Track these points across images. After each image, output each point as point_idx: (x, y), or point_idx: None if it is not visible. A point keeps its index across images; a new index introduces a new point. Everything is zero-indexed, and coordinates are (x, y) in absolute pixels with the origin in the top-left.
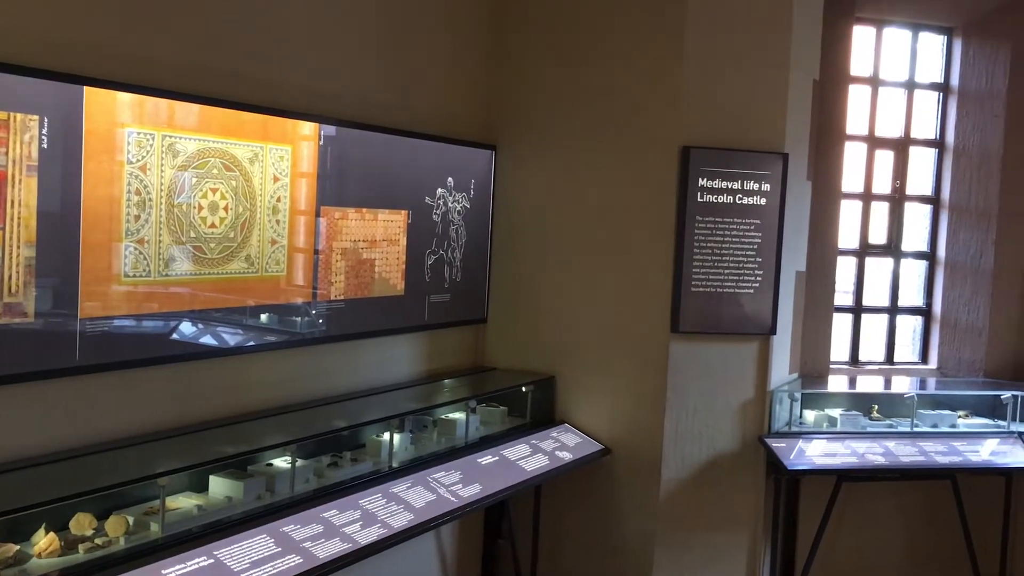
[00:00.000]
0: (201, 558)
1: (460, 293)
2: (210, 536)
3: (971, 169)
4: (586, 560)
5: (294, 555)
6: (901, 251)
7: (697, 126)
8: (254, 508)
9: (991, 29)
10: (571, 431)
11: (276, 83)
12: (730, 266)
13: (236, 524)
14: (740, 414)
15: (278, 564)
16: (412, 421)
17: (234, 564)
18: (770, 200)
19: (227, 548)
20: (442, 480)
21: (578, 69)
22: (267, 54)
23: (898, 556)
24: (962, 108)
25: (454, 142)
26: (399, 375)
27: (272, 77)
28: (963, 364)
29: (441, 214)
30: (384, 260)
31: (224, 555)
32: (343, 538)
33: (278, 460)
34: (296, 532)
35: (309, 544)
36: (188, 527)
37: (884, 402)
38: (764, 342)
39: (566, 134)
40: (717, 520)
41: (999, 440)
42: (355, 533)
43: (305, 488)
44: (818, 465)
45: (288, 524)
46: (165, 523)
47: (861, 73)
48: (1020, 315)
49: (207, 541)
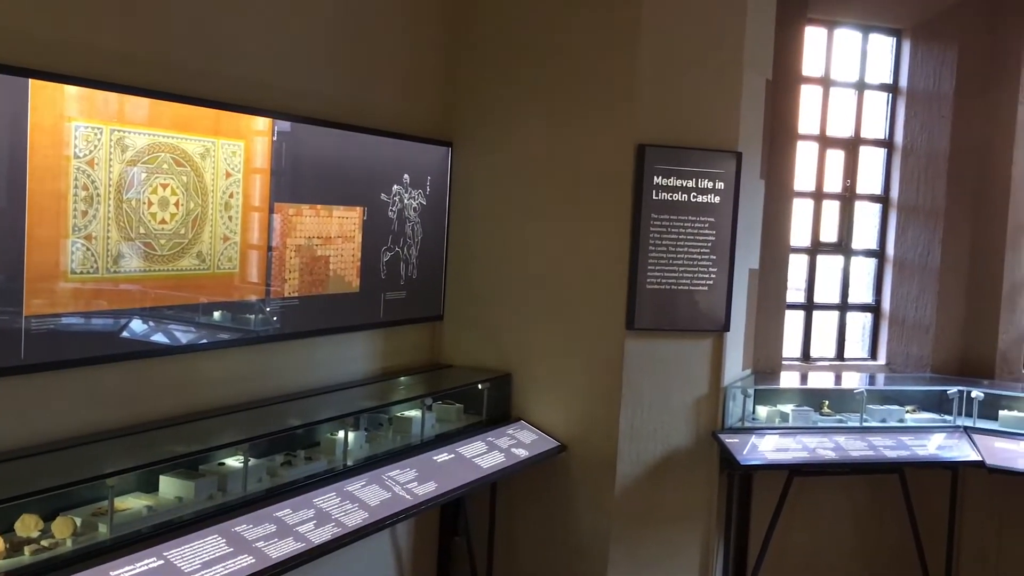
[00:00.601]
0: (151, 559)
1: (416, 290)
2: (160, 537)
3: (919, 169)
4: (542, 557)
5: (246, 555)
6: (851, 249)
7: (652, 124)
8: (205, 508)
9: (939, 31)
10: (527, 428)
11: (229, 77)
12: (685, 263)
13: (187, 524)
14: (694, 410)
15: (230, 564)
16: (367, 419)
17: (185, 565)
18: (724, 198)
19: (177, 549)
20: (397, 478)
21: (534, 67)
22: (220, 48)
23: (848, 548)
24: (910, 109)
25: (410, 139)
26: (354, 373)
27: (225, 71)
28: (911, 360)
29: (397, 211)
30: (339, 257)
31: (174, 556)
32: (296, 537)
33: (230, 459)
34: (248, 532)
35: (262, 544)
36: (137, 528)
37: (835, 398)
38: (718, 339)
39: (522, 131)
40: (671, 515)
41: (945, 435)
42: (309, 532)
43: (258, 487)
44: (770, 460)
45: (240, 524)
46: (114, 524)
47: (813, 73)
48: (966, 312)
49: (157, 542)
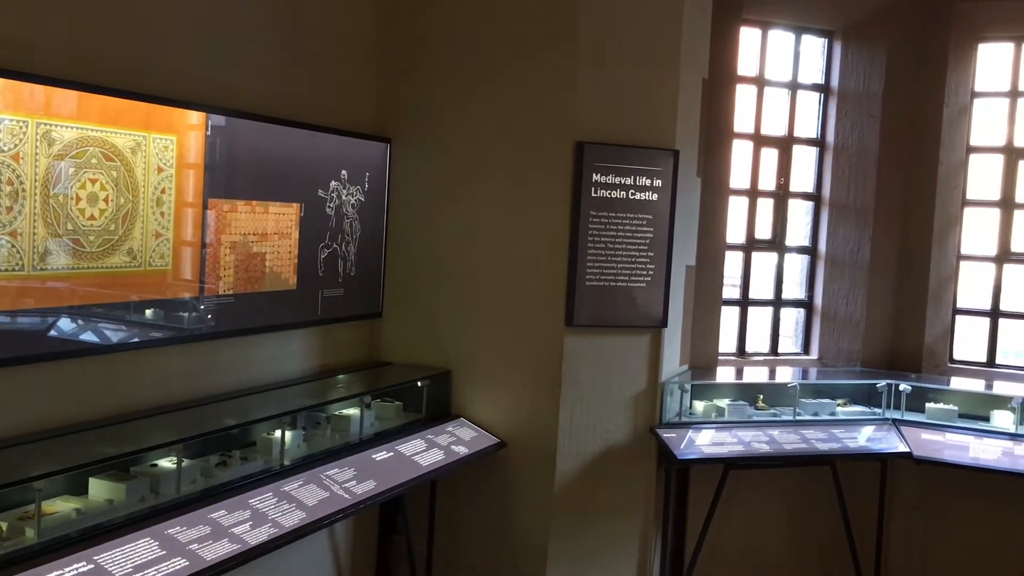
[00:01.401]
0: (80, 564)
1: (354, 287)
2: (90, 541)
3: (849, 167)
4: (482, 553)
5: (180, 558)
6: (785, 246)
7: (591, 122)
8: (137, 510)
9: (868, 33)
10: (467, 425)
11: (160, 71)
12: (623, 260)
13: (118, 528)
14: (632, 406)
15: (163, 568)
16: (304, 418)
17: (116, 569)
18: (662, 196)
19: (108, 553)
20: (335, 477)
21: (473, 64)
22: (151, 40)
23: (781, 539)
24: (841, 108)
25: (348, 134)
26: (291, 371)
27: (156, 65)
28: (842, 354)
29: (335, 207)
30: (275, 254)
31: (105, 560)
32: (232, 539)
33: (163, 460)
34: (182, 534)
35: (196, 546)
36: (66, 532)
37: (769, 392)
38: (656, 335)
39: (462, 128)
40: (610, 510)
41: (875, 427)
42: (244, 534)
43: (192, 489)
44: (706, 454)
45: (173, 526)
46: (41, 528)
47: (748, 73)
48: (894, 307)
49: (87, 546)
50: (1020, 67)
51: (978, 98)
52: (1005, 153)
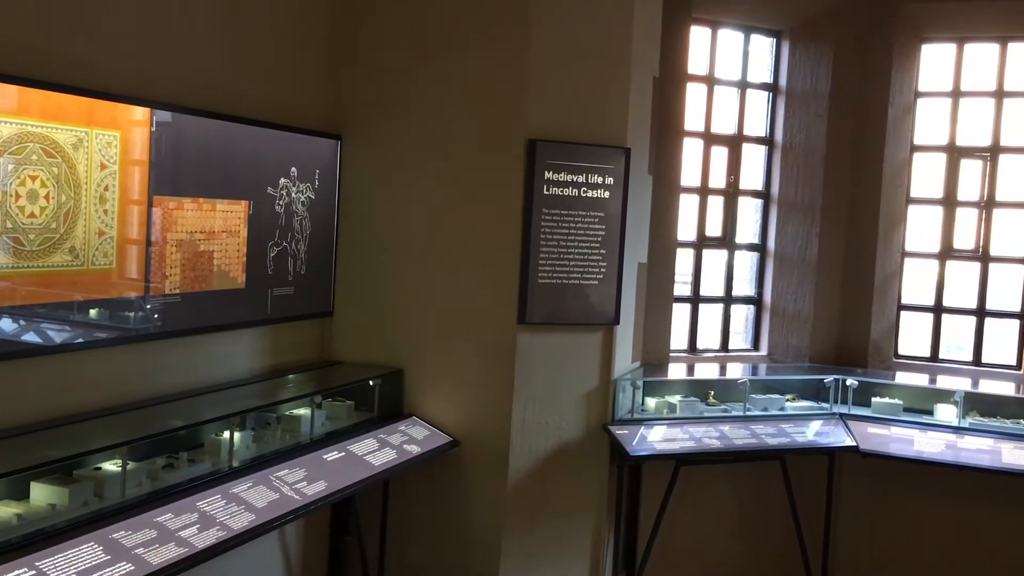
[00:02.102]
0: (22, 570)
1: (305, 286)
2: (32, 546)
3: (797, 166)
4: (435, 552)
5: (125, 563)
6: (735, 243)
7: (543, 120)
8: (81, 515)
9: (815, 33)
10: (419, 424)
11: (103, 65)
12: (575, 258)
13: (61, 533)
14: (585, 403)
15: (107, 573)
16: (254, 418)
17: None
18: (613, 193)
19: (50, 559)
20: (285, 478)
21: (424, 61)
22: (93, 33)
23: (733, 533)
24: (789, 107)
25: (297, 131)
26: (240, 371)
27: (99, 58)
28: (791, 350)
29: (284, 205)
30: (223, 252)
31: (47, 566)
32: (179, 542)
33: (107, 463)
34: (127, 539)
35: (141, 551)
36: (7, 537)
37: (720, 388)
38: (608, 332)
39: (413, 125)
40: (563, 507)
41: (823, 421)
42: (192, 537)
43: (137, 492)
44: (658, 450)
45: (118, 531)
46: None
47: (698, 72)
48: (841, 303)
49: (28, 552)
50: (962, 67)
51: (921, 98)
52: (947, 152)
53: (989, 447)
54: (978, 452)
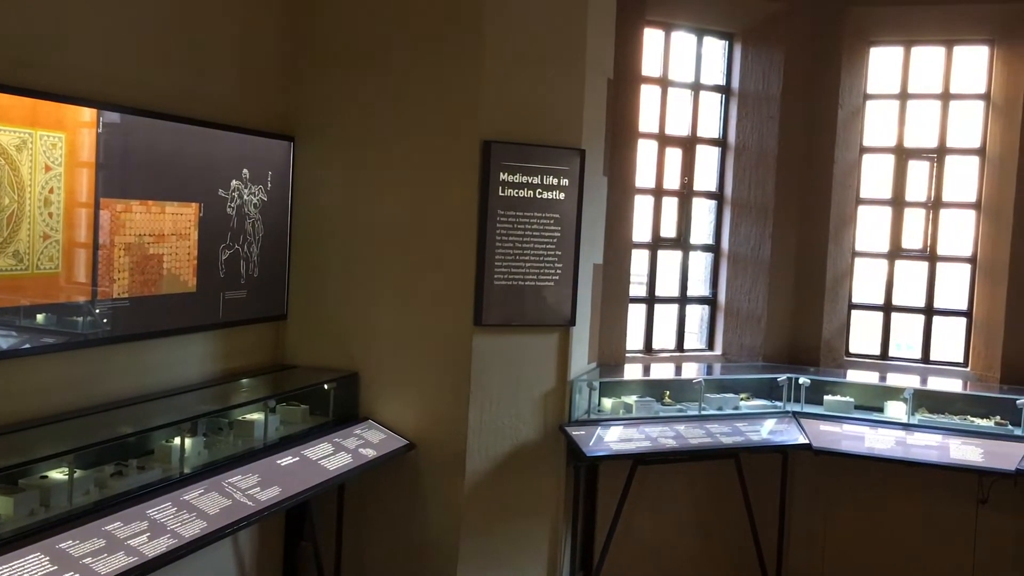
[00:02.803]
0: None
1: (258, 289)
2: None
3: (750, 167)
4: (392, 557)
5: (72, 573)
6: (689, 244)
7: (498, 121)
8: (26, 525)
9: (767, 36)
10: (375, 427)
11: (48, 65)
12: (531, 259)
13: (6, 543)
14: (542, 404)
15: None
16: (205, 424)
17: None
18: (569, 195)
19: None
20: (238, 484)
21: (378, 61)
22: (38, 33)
23: (689, 532)
24: (742, 109)
25: (249, 132)
26: (192, 376)
27: (43, 58)
28: (745, 350)
29: (236, 207)
30: (173, 255)
31: None
32: (128, 551)
33: (54, 472)
34: (75, 548)
35: (90, 560)
36: None
37: (675, 388)
38: (564, 333)
39: (367, 127)
40: (520, 509)
41: (776, 420)
42: (142, 546)
43: (85, 500)
44: (615, 451)
45: (65, 540)
46: None
47: (652, 74)
48: (794, 303)
49: None
50: (909, 70)
51: (870, 100)
52: (896, 153)
53: (937, 443)
54: (927, 448)
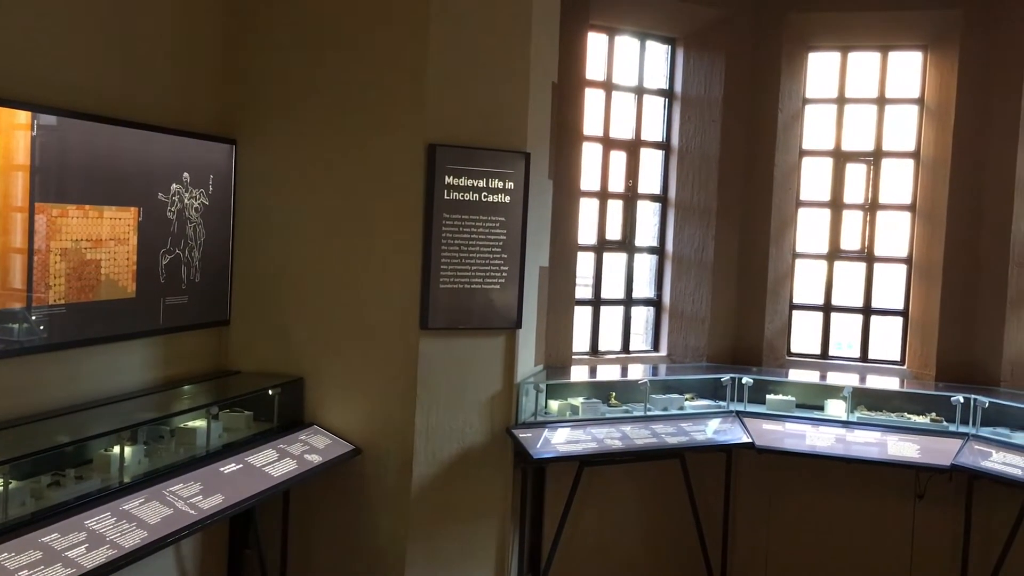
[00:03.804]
0: None
1: (199, 294)
2: None
3: (693, 170)
4: (338, 563)
5: None
6: (634, 246)
7: (442, 124)
8: None
9: (709, 41)
10: (321, 433)
11: None
12: (477, 262)
13: None
14: (488, 407)
15: None
16: (146, 432)
17: None
18: (514, 198)
19: None
20: (180, 493)
21: (322, 64)
22: None
23: (636, 532)
24: (685, 113)
25: (189, 135)
26: (132, 383)
27: None
28: (689, 350)
29: (176, 211)
30: (112, 260)
31: None
32: (65, 563)
33: None
34: (10, 561)
35: (26, 573)
36: None
37: (621, 389)
38: (510, 336)
39: (311, 129)
40: (468, 512)
41: (720, 419)
42: (80, 557)
43: (21, 512)
44: (561, 452)
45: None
46: None
47: (596, 78)
48: (737, 304)
49: None
50: (847, 75)
51: (809, 104)
52: (834, 156)
53: (876, 440)
54: (866, 445)
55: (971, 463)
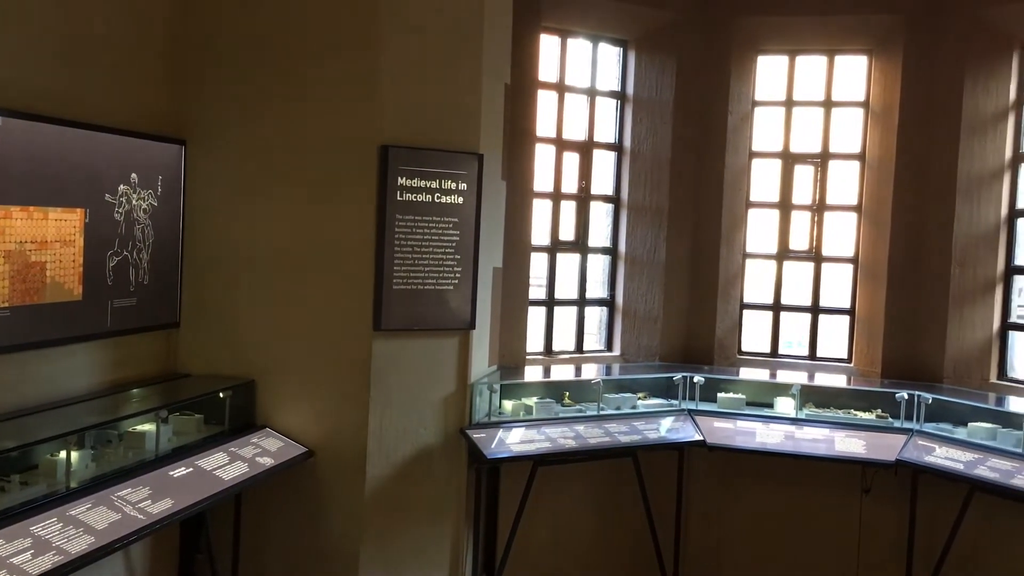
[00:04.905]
0: None
1: (148, 296)
2: None
3: (645, 171)
4: (291, 565)
5: None
6: (588, 247)
7: (395, 126)
8: None
9: (660, 44)
10: (273, 435)
11: None
12: (430, 263)
13: None
14: (443, 408)
15: None
16: (93, 436)
17: None
18: (467, 199)
19: None
20: (128, 498)
21: (273, 64)
22: None
23: (590, 530)
24: (637, 115)
25: (137, 135)
26: (79, 387)
27: None
28: (642, 350)
29: (124, 212)
30: (57, 263)
31: None
32: (10, 570)
33: None
34: None
35: None
36: None
37: (575, 389)
38: (464, 336)
39: (262, 130)
40: (422, 513)
41: (673, 418)
42: (25, 564)
43: None
44: (515, 452)
45: None
46: None
47: (549, 79)
48: (688, 304)
49: None
50: (794, 78)
51: (758, 106)
52: (783, 158)
53: (824, 436)
54: (814, 442)
55: (915, 458)
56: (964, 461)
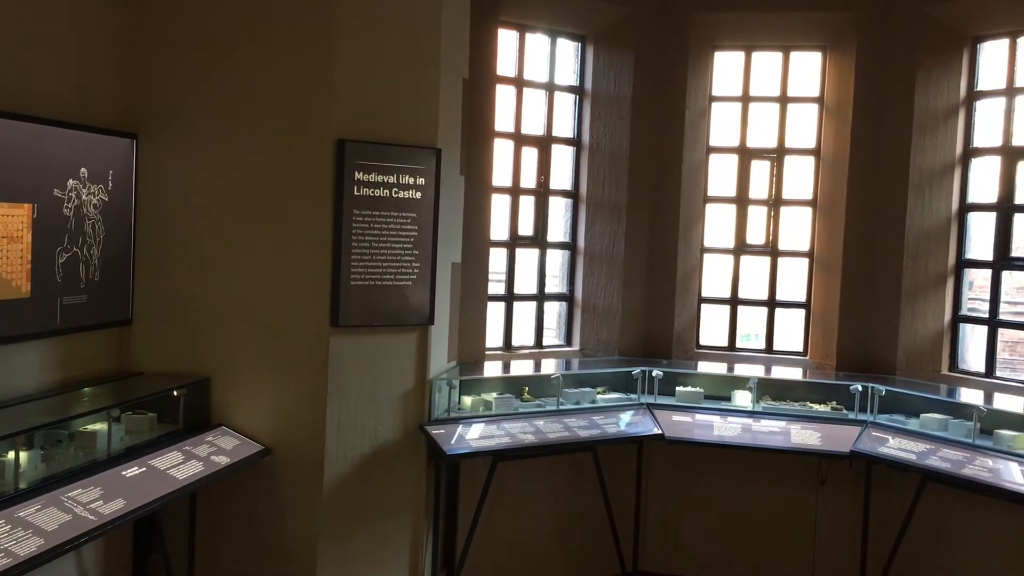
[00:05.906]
0: None
1: (99, 293)
2: None
3: (604, 166)
4: (248, 565)
5: None
6: (547, 242)
7: (352, 120)
8: None
9: (617, 39)
10: (229, 434)
11: None
12: (388, 259)
13: None
14: (401, 404)
15: None
16: (42, 436)
17: None
18: (425, 194)
19: None
20: (79, 498)
21: (227, 57)
22: None
23: (550, 526)
24: (595, 110)
25: (86, 129)
26: (28, 386)
27: None
28: (601, 344)
29: (74, 208)
30: (4, 259)
31: None
32: None
33: None
34: None
35: None
36: None
37: (534, 384)
38: (423, 332)
39: (216, 123)
40: (381, 510)
41: (632, 412)
42: None
43: None
44: (475, 448)
45: None
46: None
47: (507, 74)
48: (647, 298)
49: None
50: (751, 74)
51: (715, 102)
52: (739, 153)
53: (780, 428)
54: (771, 434)
55: (869, 449)
56: (916, 452)
